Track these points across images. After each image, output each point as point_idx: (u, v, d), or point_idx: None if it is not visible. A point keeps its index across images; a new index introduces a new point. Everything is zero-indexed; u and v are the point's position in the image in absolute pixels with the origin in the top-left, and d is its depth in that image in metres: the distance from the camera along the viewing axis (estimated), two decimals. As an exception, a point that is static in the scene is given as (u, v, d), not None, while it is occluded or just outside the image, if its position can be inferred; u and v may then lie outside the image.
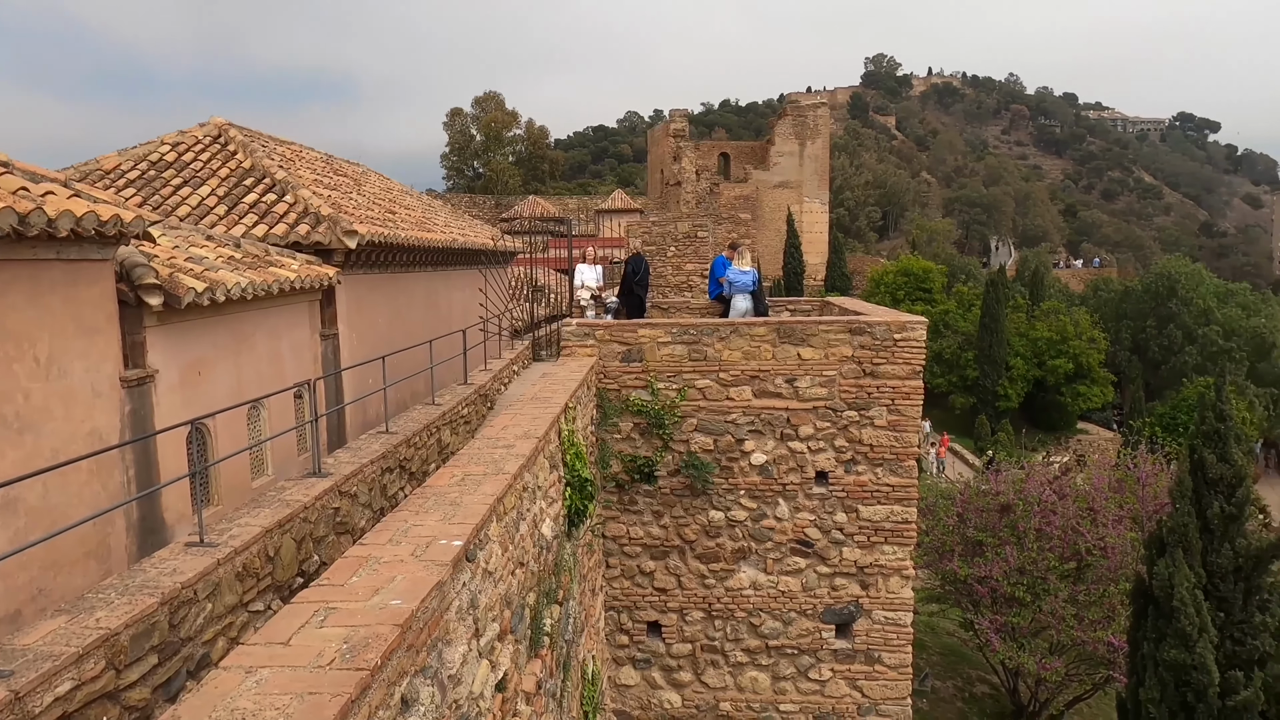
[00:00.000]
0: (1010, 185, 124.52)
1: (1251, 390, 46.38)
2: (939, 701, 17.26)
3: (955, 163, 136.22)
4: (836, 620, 9.85)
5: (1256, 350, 50.06)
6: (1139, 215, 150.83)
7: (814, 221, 67.54)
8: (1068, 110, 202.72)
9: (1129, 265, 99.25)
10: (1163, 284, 52.68)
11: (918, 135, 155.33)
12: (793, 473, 9.76)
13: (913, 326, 9.68)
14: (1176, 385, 48.07)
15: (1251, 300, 54.35)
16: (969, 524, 16.96)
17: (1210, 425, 10.72)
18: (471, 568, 4.03)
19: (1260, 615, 10.36)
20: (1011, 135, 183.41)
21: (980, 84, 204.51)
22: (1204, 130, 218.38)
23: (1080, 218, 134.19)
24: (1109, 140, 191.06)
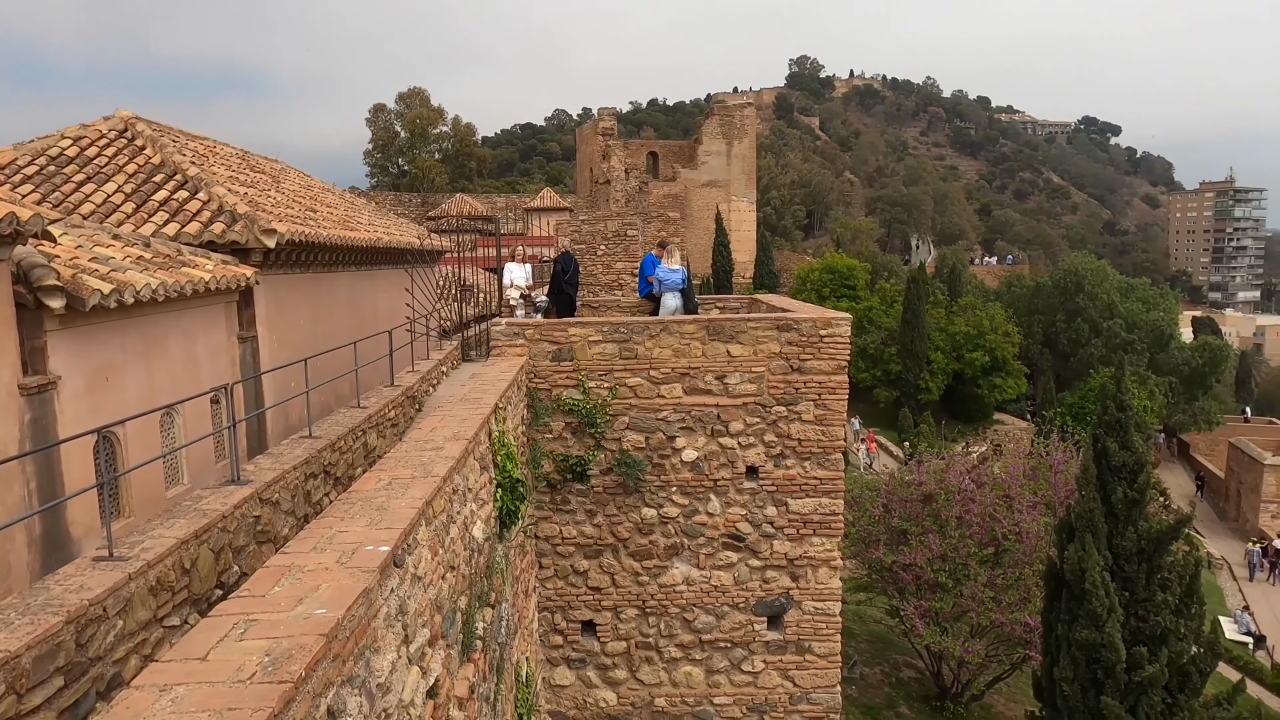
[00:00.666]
0: (929, 185, 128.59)
1: (1152, 380, 49.05)
2: (868, 687, 17.73)
3: (877, 163, 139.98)
4: (768, 612, 10.02)
5: (1156, 342, 52.95)
6: (1048, 214, 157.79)
7: (742, 220, 68.42)
8: (981, 113, 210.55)
9: (1040, 262, 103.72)
10: (1070, 280, 55.21)
11: (841, 136, 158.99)
12: (724, 468, 9.87)
13: (838, 323, 9.91)
14: (1084, 376, 50.50)
15: (1151, 295, 57.44)
16: (894, 514, 17.47)
17: (1112, 415, 11.29)
18: (400, 573, 3.95)
19: (1161, 594, 10.97)
20: (929, 137, 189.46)
21: (899, 87, 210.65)
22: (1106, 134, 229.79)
23: (994, 216, 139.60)
24: (1020, 142, 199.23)
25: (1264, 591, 36.92)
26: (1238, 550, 40.14)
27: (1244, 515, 42.86)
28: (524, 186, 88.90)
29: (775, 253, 69.07)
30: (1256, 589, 36.92)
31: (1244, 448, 44.65)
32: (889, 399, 47.22)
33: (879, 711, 16.84)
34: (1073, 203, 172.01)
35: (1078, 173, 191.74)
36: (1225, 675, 22.64)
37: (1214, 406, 54.63)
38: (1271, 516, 40.74)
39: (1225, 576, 37.15)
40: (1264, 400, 77.82)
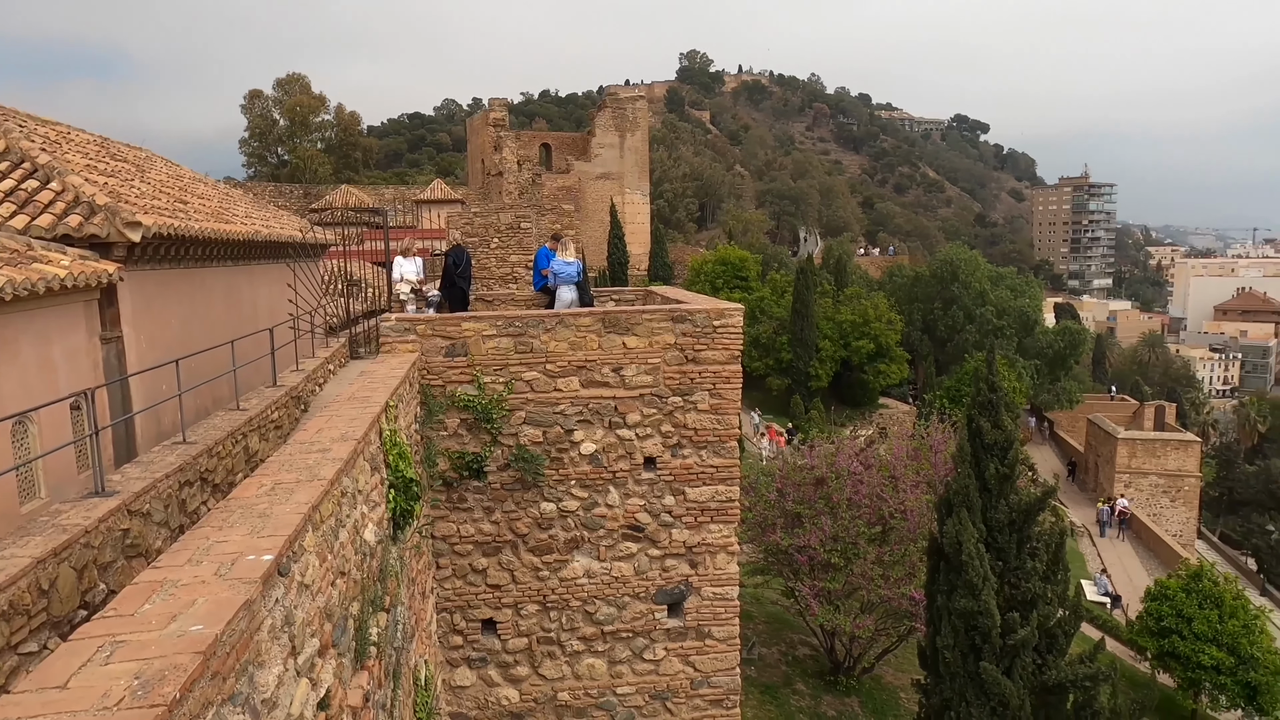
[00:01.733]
0: (815, 179, 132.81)
1: (1020, 362, 52.40)
2: (765, 667, 18.25)
3: (765, 157, 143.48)
4: (668, 600, 10.15)
5: (1023, 327, 56.55)
6: (925, 207, 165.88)
7: (636, 212, 68.77)
8: (863, 110, 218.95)
9: (918, 253, 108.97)
10: (946, 270, 58.27)
11: (731, 130, 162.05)
12: (622, 460, 9.92)
13: (731, 314, 10.11)
14: (960, 360, 53.44)
15: (1018, 283, 61.27)
16: (788, 498, 18.01)
17: (984, 396, 12.00)
18: (285, 582, 3.78)
19: (1031, 561, 11.76)
20: (815, 132, 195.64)
21: (786, 83, 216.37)
22: (976, 131, 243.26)
23: (876, 209, 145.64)
24: (899, 138, 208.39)
25: (1115, 547, 40.49)
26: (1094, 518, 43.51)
27: (1101, 486, 46.46)
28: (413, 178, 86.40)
29: (669, 245, 69.81)
30: (1108, 545, 40.44)
31: (1100, 423, 48.35)
32: (781, 387, 48.62)
33: (777, 690, 17.37)
34: (947, 196, 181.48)
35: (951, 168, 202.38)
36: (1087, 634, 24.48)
37: (1074, 386, 58.87)
38: (1125, 485, 44.32)
39: (1086, 543, 40.21)
40: (1116, 379, 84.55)
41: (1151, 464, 44.56)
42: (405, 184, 72.12)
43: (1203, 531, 49.28)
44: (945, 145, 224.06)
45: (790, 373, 47.99)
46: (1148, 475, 44.41)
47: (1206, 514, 52.96)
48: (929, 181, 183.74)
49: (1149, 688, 23.64)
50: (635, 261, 61.82)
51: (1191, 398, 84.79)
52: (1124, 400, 62.99)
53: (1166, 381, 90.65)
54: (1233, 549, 50.73)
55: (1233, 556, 48.37)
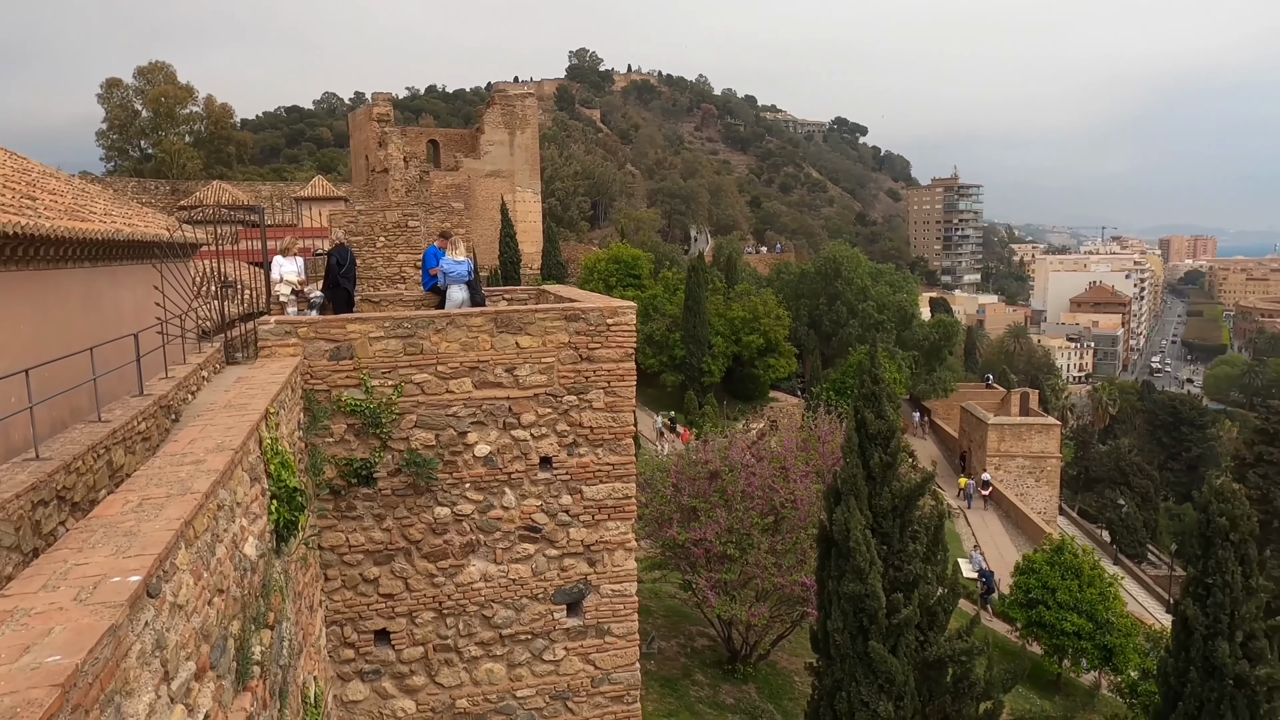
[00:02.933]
0: (705, 178, 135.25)
1: (899, 354, 55.00)
2: (665, 660, 18.48)
3: (656, 156, 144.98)
4: (567, 600, 10.12)
5: (901, 320, 59.40)
6: (810, 206, 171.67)
7: (528, 211, 68.16)
8: (749, 111, 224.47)
9: (804, 250, 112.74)
10: (830, 267, 60.51)
11: (621, 129, 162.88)
12: (517, 460, 9.82)
13: (623, 311, 10.17)
14: (845, 354, 55.64)
15: (896, 279, 64.34)
16: (684, 492, 18.28)
17: (867, 388, 12.55)
18: (155, 604, 3.55)
19: (912, 544, 12.37)
20: (703, 132, 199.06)
21: (675, 83, 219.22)
22: (855, 133, 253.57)
23: (764, 208, 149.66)
24: (783, 139, 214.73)
25: (983, 517, 43.68)
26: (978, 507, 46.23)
27: (974, 469, 49.36)
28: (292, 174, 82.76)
29: (562, 244, 69.54)
30: (976, 515, 43.52)
31: (973, 410, 51.36)
32: (675, 383, 49.29)
33: (676, 682, 17.62)
34: (830, 196, 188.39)
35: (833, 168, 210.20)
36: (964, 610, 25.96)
37: (949, 376, 62.32)
38: (995, 467, 47.25)
39: (962, 523, 42.65)
40: (986, 368, 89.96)
41: (1018, 447, 47.69)
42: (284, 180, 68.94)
43: (1063, 508, 53.12)
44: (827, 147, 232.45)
45: (684, 369, 48.72)
46: (1015, 458, 47.51)
47: (1066, 491, 57.12)
48: (812, 181, 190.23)
49: (1020, 657, 25.30)
50: (528, 260, 61.26)
51: (1052, 384, 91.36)
52: (993, 388, 67.15)
53: (1030, 369, 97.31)
54: (1089, 523, 54.93)
55: (1089, 530, 52.38)
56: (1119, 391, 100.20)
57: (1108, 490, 59.65)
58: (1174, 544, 51.39)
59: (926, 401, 62.96)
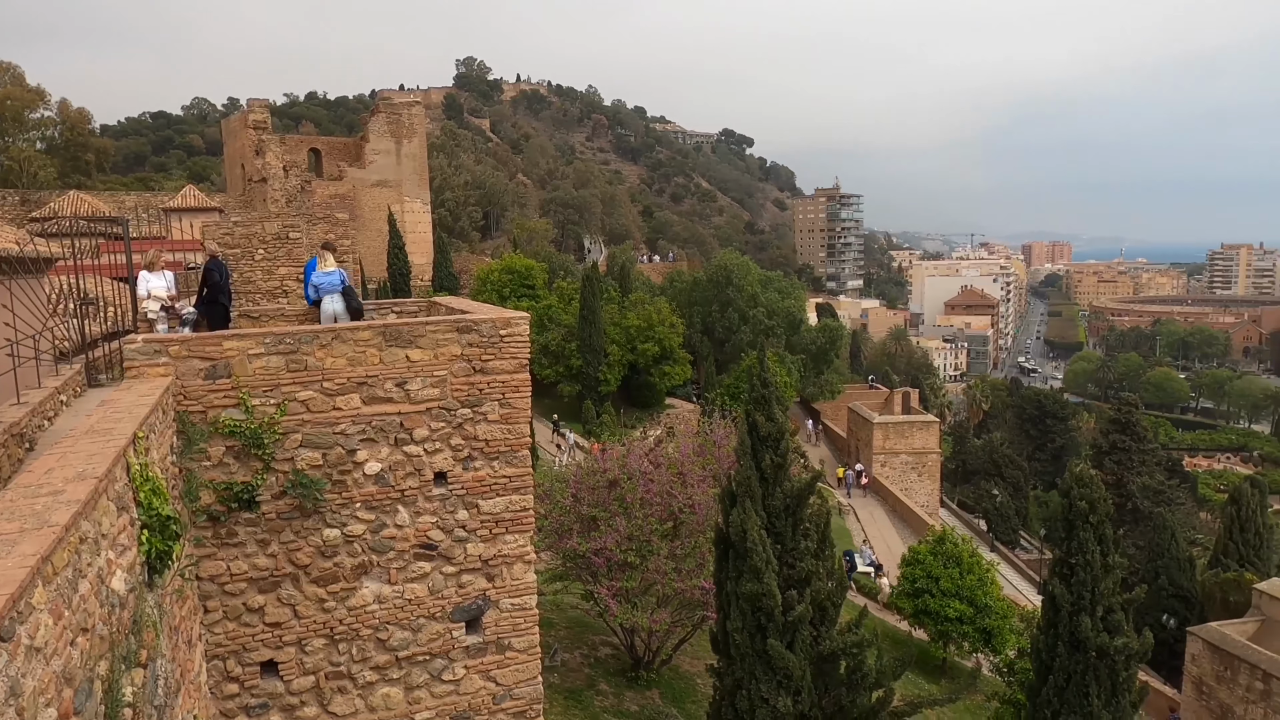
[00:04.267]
0: (597, 188, 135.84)
1: (789, 358, 56.78)
2: (569, 672, 18.37)
3: (548, 166, 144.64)
4: (466, 617, 9.92)
5: (790, 326, 61.39)
6: (700, 216, 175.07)
7: (417, 221, 66.68)
8: (639, 122, 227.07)
9: (695, 259, 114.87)
10: (721, 274, 61.89)
11: (512, 139, 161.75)
12: (411, 477, 9.57)
13: (517, 322, 10.09)
14: (737, 359, 56.98)
15: (785, 285, 66.45)
16: (583, 502, 18.27)
17: (758, 392, 12.90)
18: (9, 648, 3.28)
19: (804, 541, 12.78)
20: (595, 142, 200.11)
21: (565, 93, 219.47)
22: (742, 144, 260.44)
23: (656, 218, 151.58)
24: (673, 150, 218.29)
25: (861, 502, 46.61)
26: (859, 497, 48.12)
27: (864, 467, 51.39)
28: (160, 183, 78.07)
29: (454, 254, 68.37)
30: (865, 511, 45.97)
31: (859, 410, 53.53)
32: (572, 393, 49.21)
33: (580, 693, 17.54)
34: (719, 205, 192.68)
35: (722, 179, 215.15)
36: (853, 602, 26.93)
37: (836, 378, 64.77)
38: (881, 464, 49.38)
39: (852, 519, 44.33)
40: (870, 370, 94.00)
41: (902, 444, 50.03)
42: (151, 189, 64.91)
43: (944, 500, 56.05)
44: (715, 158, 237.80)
45: (581, 378, 48.72)
46: (899, 454, 49.81)
47: (946, 484, 60.30)
48: (702, 191, 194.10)
49: (907, 644, 26.47)
50: (418, 272, 59.91)
51: (931, 383, 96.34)
52: (877, 388, 70.19)
53: (910, 370, 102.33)
54: (967, 513, 58.13)
55: (968, 520, 55.43)
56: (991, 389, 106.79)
57: (983, 481, 63.31)
58: (1042, 529, 55.09)
59: (816, 403, 65.18)
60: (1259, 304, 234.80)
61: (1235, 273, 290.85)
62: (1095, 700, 14.80)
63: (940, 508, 52.56)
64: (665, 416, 50.84)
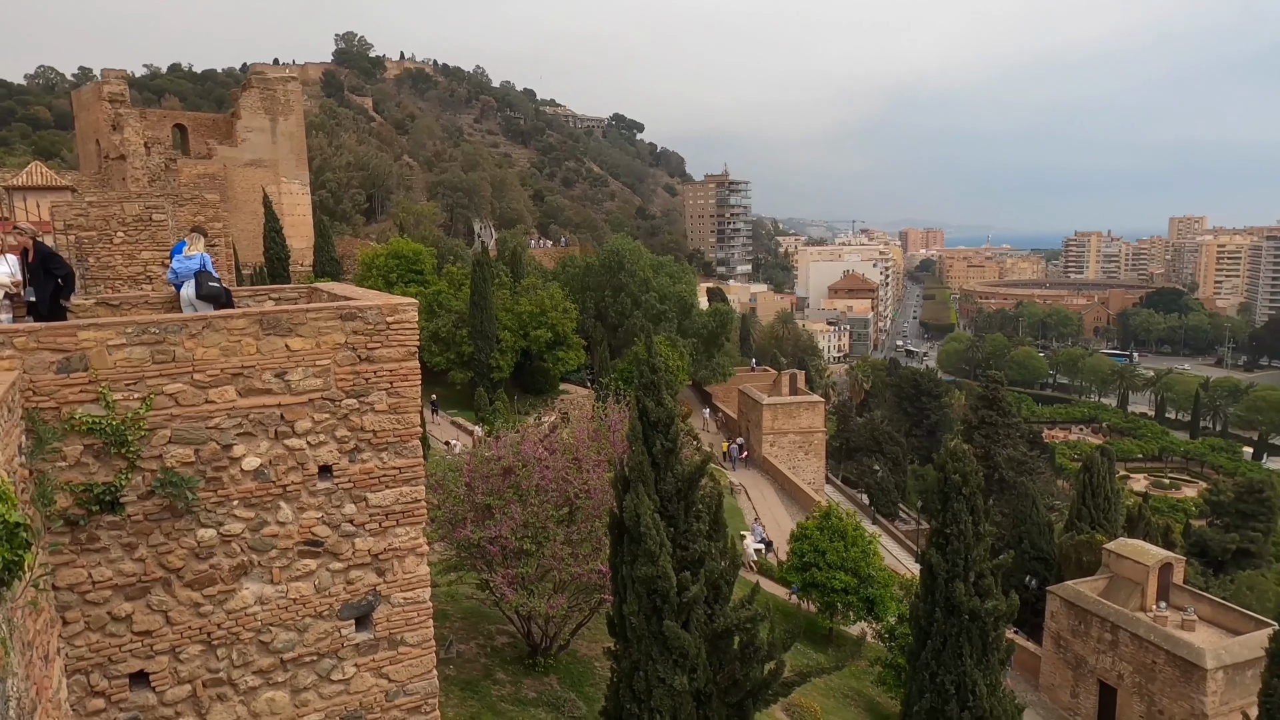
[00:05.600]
0: (487, 172, 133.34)
1: (681, 343, 57.59)
2: (464, 663, 18.13)
3: (435, 148, 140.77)
4: (356, 614, 9.61)
5: (682, 310, 62.18)
6: (592, 200, 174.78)
7: (295, 203, 63.71)
8: (529, 104, 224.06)
9: (588, 244, 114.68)
10: (614, 259, 62.00)
11: (396, 119, 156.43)
12: (293, 472, 9.15)
13: (404, 309, 9.78)
14: (631, 344, 57.29)
15: (676, 270, 67.18)
16: (477, 491, 17.98)
17: (647, 377, 13.02)
18: None
19: (697, 523, 13.03)
20: (483, 124, 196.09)
21: (451, 73, 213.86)
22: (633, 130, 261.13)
23: (547, 202, 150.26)
24: (564, 134, 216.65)
25: (752, 481, 48.22)
26: (750, 477, 49.50)
27: (752, 447, 52.87)
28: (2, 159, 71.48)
29: (336, 238, 65.69)
30: (747, 480, 47.94)
31: (749, 393, 54.94)
32: (464, 380, 48.35)
33: (477, 683, 17.35)
34: (611, 190, 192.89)
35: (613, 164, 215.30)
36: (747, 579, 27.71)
37: (727, 361, 66.17)
38: (770, 444, 50.90)
39: (743, 499, 45.55)
40: (759, 353, 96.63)
41: (790, 424, 51.70)
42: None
43: (830, 477, 58.41)
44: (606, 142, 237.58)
45: (473, 365, 47.89)
46: (787, 434, 51.47)
47: (831, 462, 62.83)
48: (594, 176, 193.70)
49: (796, 616, 27.48)
50: (298, 257, 57.33)
51: (816, 365, 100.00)
52: (766, 371, 72.21)
53: (797, 352, 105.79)
54: (851, 489, 60.83)
55: (852, 495, 58.02)
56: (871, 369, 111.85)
57: (865, 458, 66.34)
58: (919, 501, 58.31)
59: (708, 386, 66.45)
60: (1107, 287, 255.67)
61: (1087, 258, 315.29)
62: (968, 660, 15.81)
63: (826, 484, 54.75)
64: (560, 402, 50.59)
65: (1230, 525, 68.73)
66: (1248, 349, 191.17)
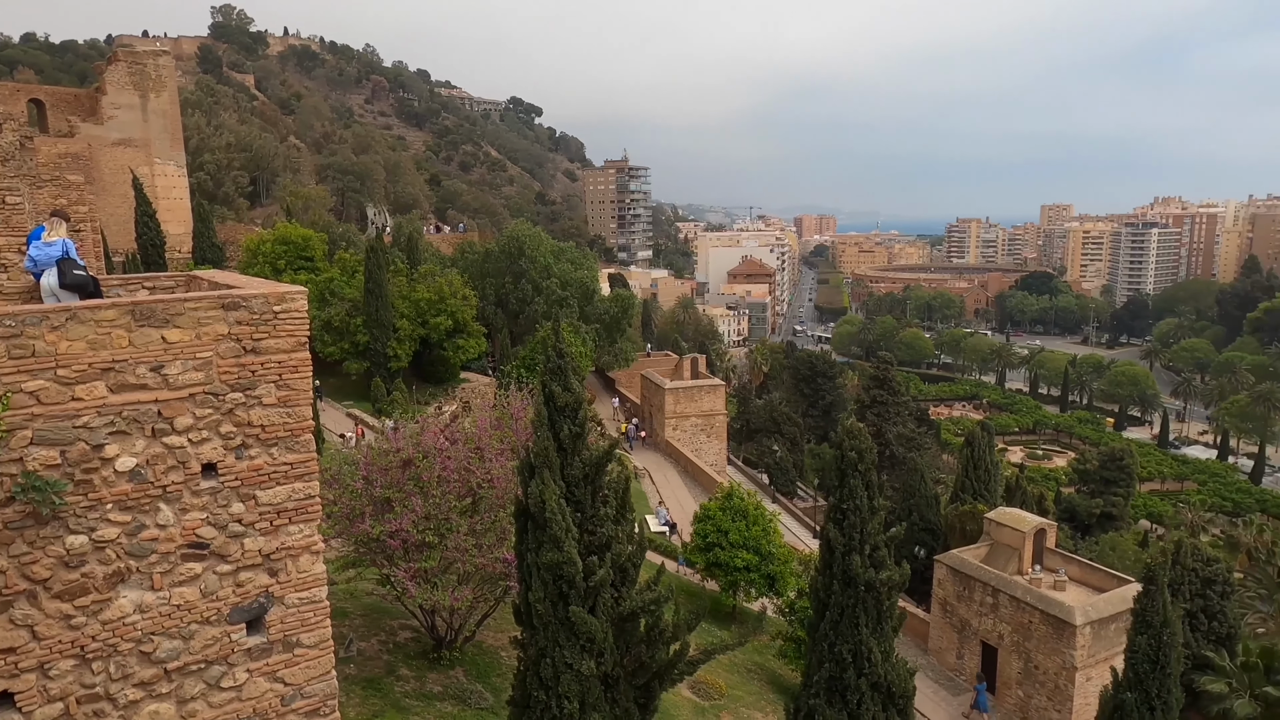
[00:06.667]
0: (380, 154, 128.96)
1: (583, 328, 57.46)
2: (366, 661, 17.66)
3: (323, 129, 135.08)
4: (247, 617, 9.18)
5: (584, 296, 61.97)
6: (491, 185, 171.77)
7: (171, 186, 60.03)
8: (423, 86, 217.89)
9: (487, 229, 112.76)
10: (514, 245, 61.17)
11: (281, 98, 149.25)
12: (174, 471, 8.63)
13: (293, 297, 9.34)
14: (532, 330, 56.82)
15: (577, 256, 66.83)
16: (375, 484, 17.48)
17: (553, 363, 12.93)
18: None
19: (603, 508, 13.06)
20: (375, 105, 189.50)
21: (340, 51, 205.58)
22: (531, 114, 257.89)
23: (444, 187, 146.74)
24: (460, 117, 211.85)
25: (656, 465, 49.07)
26: (654, 460, 50.01)
27: (655, 431, 53.42)
28: None
29: (218, 224, 62.24)
30: (651, 463, 48.82)
31: (652, 377, 55.42)
32: (360, 370, 46.80)
33: (380, 681, 16.94)
34: (510, 175, 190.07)
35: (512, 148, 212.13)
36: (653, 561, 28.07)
37: (629, 346, 66.46)
38: (673, 428, 51.53)
39: (647, 483, 46.00)
40: (661, 338, 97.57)
41: (692, 408, 52.48)
42: None
43: (731, 459, 59.68)
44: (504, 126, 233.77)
45: (369, 355, 46.40)
46: (689, 417, 52.24)
47: (732, 443, 64.19)
48: (492, 160, 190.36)
49: (701, 596, 28.05)
50: (176, 243, 54.09)
51: (716, 349, 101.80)
52: (668, 356, 72.98)
53: (698, 336, 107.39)
54: (752, 469, 62.32)
55: (752, 475, 59.44)
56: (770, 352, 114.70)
57: (764, 439, 68.06)
58: (817, 479, 60.29)
59: (610, 372, 66.64)
60: (986, 271, 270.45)
61: (968, 244, 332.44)
62: (864, 629, 16.50)
63: (728, 465, 55.92)
64: (461, 391, 49.74)
65: (1095, 491, 74.24)
66: (1110, 328, 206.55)
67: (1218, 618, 31.98)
